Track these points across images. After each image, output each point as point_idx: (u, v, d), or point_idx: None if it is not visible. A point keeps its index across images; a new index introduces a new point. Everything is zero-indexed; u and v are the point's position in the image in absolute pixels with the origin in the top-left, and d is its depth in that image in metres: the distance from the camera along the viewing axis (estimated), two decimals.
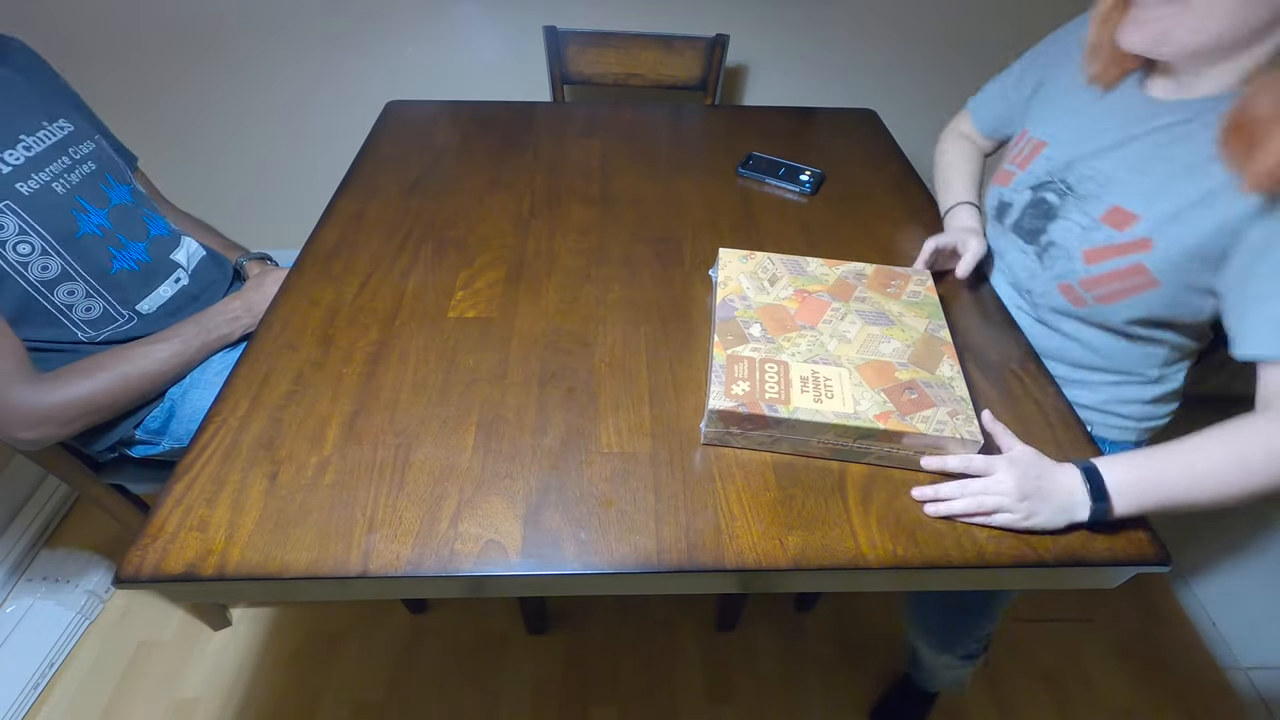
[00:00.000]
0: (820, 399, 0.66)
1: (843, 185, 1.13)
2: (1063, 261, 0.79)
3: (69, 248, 0.85)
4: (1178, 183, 0.70)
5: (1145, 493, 0.62)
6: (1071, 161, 0.80)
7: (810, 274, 0.82)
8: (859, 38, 1.59)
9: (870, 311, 0.77)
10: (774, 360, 0.70)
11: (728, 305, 0.77)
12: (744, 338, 0.73)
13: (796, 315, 0.76)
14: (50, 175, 0.85)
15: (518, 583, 0.59)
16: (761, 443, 0.68)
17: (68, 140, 0.89)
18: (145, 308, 0.93)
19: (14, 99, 0.87)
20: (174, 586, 0.58)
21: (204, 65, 1.59)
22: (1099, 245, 0.75)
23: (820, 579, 0.61)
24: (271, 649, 1.27)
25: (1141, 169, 0.74)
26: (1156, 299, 0.73)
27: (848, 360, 0.71)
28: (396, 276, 0.89)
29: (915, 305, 0.79)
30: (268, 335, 0.80)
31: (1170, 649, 1.34)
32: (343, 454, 0.67)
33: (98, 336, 0.89)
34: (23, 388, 0.78)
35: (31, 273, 0.82)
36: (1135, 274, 0.73)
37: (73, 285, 0.86)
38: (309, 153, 1.74)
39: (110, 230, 0.91)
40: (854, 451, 0.67)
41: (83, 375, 0.83)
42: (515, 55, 1.59)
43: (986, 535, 0.62)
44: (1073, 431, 0.72)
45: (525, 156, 1.16)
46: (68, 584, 1.29)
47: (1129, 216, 0.73)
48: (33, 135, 0.85)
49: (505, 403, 0.73)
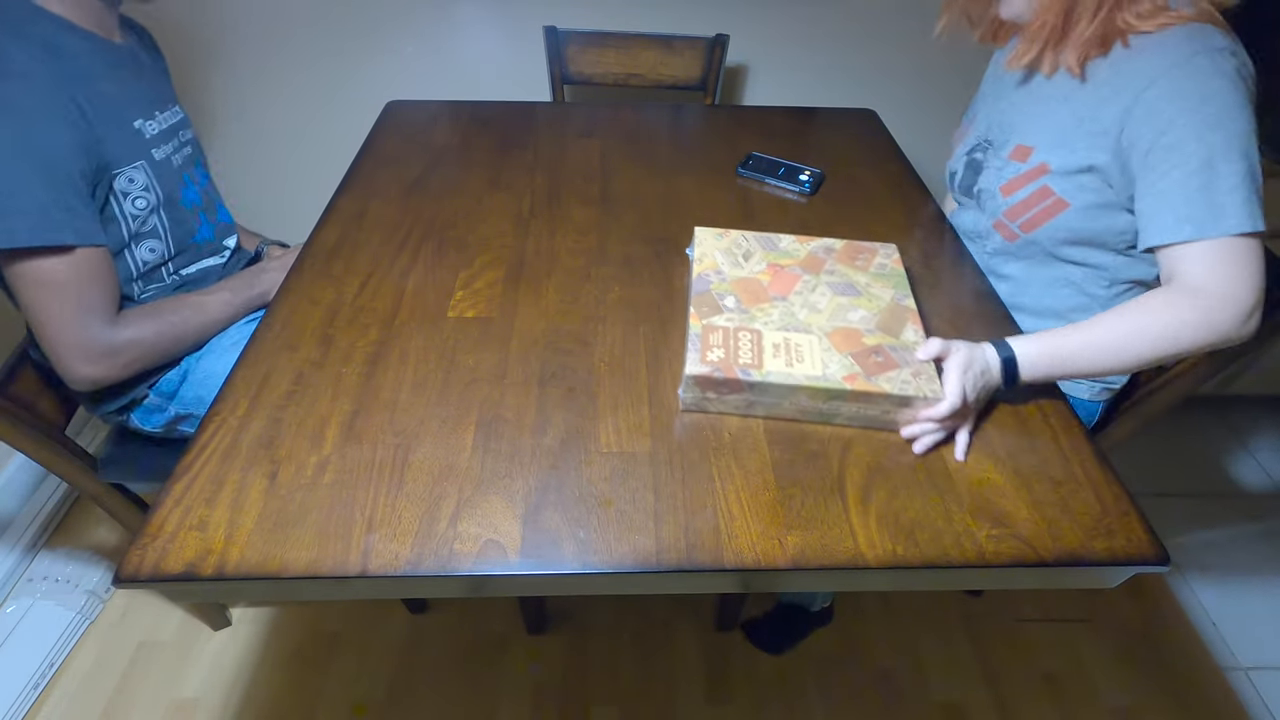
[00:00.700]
0: (791, 363, 0.70)
1: (842, 185, 1.13)
2: (990, 202, 0.92)
3: (170, 211, 0.94)
4: (1055, 112, 0.84)
5: (1051, 363, 0.72)
6: (990, 125, 0.95)
7: (782, 249, 0.86)
8: (859, 38, 1.59)
9: (839, 283, 0.81)
10: (747, 329, 0.74)
11: (703, 279, 0.81)
12: (719, 309, 0.76)
13: (769, 287, 0.80)
14: (171, 149, 0.95)
15: (517, 582, 0.59)
16: (737, 406, 0.71)
17: (179, 125, 0.99)
18: (188, 271, 1.00)
19: (153, 80, 0.97)
20: (173, 586, 0.58)
21: (204, 65, 1.59)
22: (1010, 178, 0.88)
23: (819, 579, 0.61)
24: (271, 649, 1.27)
25: (1031, 112, 0.88)
26: (1073, 218, 0.83)
27: (817, 328, 0.75)
28: (396, 276, 0.89)
29: (882, 277, 0.83)
30: (268, 335, 0.80)
31: (1170, 649, 1.34)
32: (342, 454, 0.67)
33: (145, 291, 0.94)
34: (108, 324, 0.84)
35: (135, 226, 0.89)
36: (1044, 195, 0.85)
37: (155, 243, 0.93)
38: (309, 153, 1.74)
39: (198, 206, 1.00)
40: (824, 414, 0.71)
41: (147, 318, 0.89)
42: (515, 55, 1.59)
43: (986, 535, 0.62)
44: (1072, 429, 0.72)
45: (525, 156, 1.16)
46: (68, 584, 1.29)
47: (1027, 150, 0.86)
48: (162, 114, 0.95)
49: (505, 402, 0.73)
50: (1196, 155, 0.70)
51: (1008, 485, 0.66)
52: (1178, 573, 1.46)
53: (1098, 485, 0.67)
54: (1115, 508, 0.65)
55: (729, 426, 0.71)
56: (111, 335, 0.84)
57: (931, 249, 0.99)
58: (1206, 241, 0.70)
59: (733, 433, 0.70)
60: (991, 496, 0.65)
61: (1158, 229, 0.73)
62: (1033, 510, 0.64)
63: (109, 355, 0.84)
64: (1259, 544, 1.53)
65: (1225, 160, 0.69)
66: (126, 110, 0.88)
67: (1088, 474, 0.68)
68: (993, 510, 0.64)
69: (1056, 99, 0.84)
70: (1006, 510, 0.64)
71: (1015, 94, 0.92)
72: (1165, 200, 0.72)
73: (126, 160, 0.86)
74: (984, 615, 1.37)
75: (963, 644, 1.32)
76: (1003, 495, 0.65)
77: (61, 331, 0.80)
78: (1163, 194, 0.73)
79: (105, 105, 0.83)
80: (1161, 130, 0.72)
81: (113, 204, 0.86)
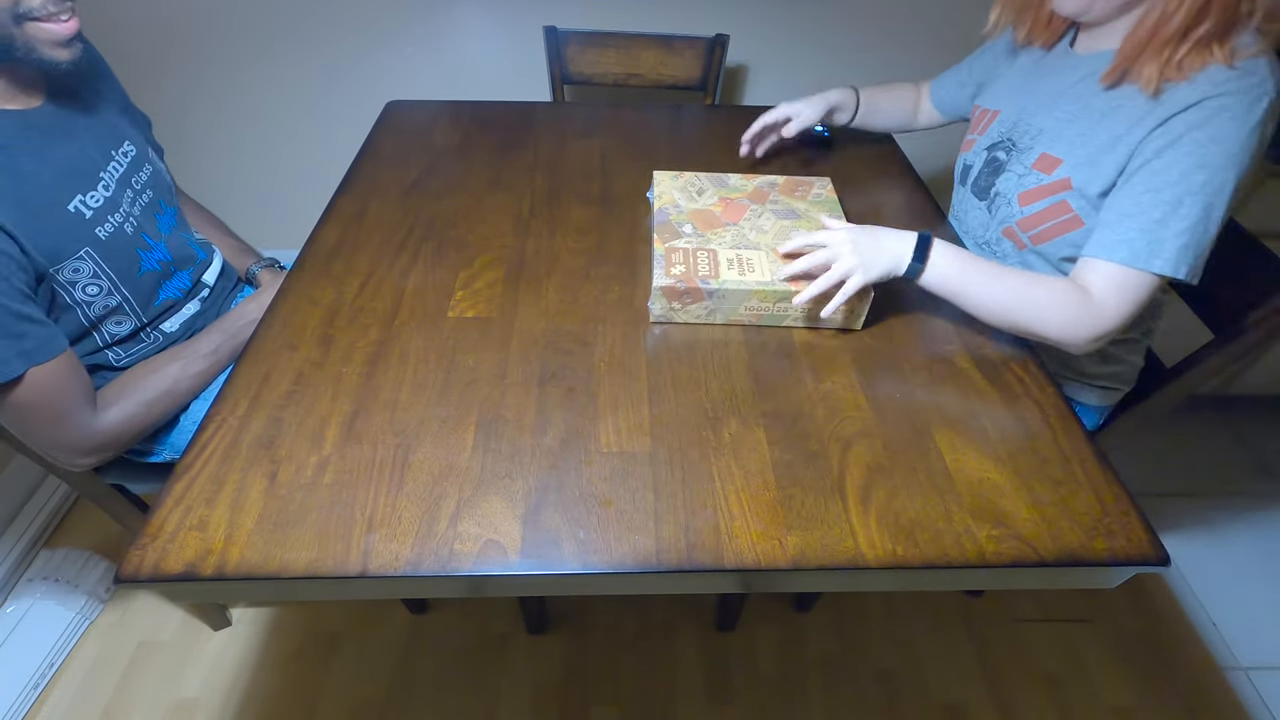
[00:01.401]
0: (744, 273, 0.81)
1: (842, 185, 1.13)
2: (1004, 208, 0.90)
3: (129, 285, 0.86)
4: (1094, 128, 0.80)
5: (950, 277, 0.76)
6: (1016, 122, 0.91)
7: (731, 185, 0.99)
8: (859, 38, 1.59)
9: (782, 210, 0.94)
10: (704, 249, 0.85)
11: (663, 213, 0.92)
12: (678, 234, 0.88)
13: (721, 216, 0.92)
14: (122, 216, 0.85)
15: (517, 582, 0.59)
16: (699, 315, 0.83)
17: (131, 169, 0.89)
18: (168, 326, 0.94)
19: (98, 127, 0.86)
20: (173, 586, 0.58)
21: (204, 65, 1.59)
22: (1030, 188, 0.86)
23: (819, 579, 0.61)
24: (271, 649, 1.27)
25: (1067, 119, 0.84)
26: (1084, 236, 0.81)
27: (765, 245, 0.86)
28: (396, 276, 0.89)
29: (819, 204, 0.96)
30: (268, 335, 0.80)
31: (1170, 649, 1.34)
32: (342, 454, 0.67)
33: (124, 358, 0.90)
34: (87, 417, 0.80)
35: (94, 310, 0.83)
36: (1061, 211, 0.83)
37: (122, 317, 0.87)
38: (309, 153, 1.74)
39: (168, 263, 0.92)
40: (775, 315, 0.82)
41: (131, 395, 0.84)
42: (515, 55, 1.59)
43: (986, 535, 0.62)
44: (1072, 429, 0.72)
45: (525, 156, 1.16)
46: (68, 584, 1.29)
47: (1055, 161, 0.83)
48: (107, 168, 0.85)
49: (505, 402, 0.73)
50: (1172, 189, 0.71)
51: (1008, 485, 0.66)
52: (1178, 573, 1.46)
53: (1098, 485, 0.67)
54: (1115, 508, 0.65)
55: (730, 428, 0.71)
56: (97, 425, 0.80)
57: None
58: (1126, 268, 0.72)
59: (733, 433, 0.70)
60: (991, 496, 0.65)
61: (1102, 244, 0.74)
62: (1033, 510, 0.64)
63: (102, 446, 0.82)
64: (1259, 545, 1.53)
65: (1191, 204, 0.70)
66: (59, 192, 0.77)
67: (1088, 474, 0.68)
68: (993, 510, 0.64)
69: (1098, 113, 0.80)
70: (1006, 510, 0.64)
71: (1048, 95, 0.87)
72: (1123, 220, 0.73)
73: (66, 254, 0.77)
74: (984, 615, 1.37)
75: (963, 644, 1.32)
76: (1003, 495, 0.65)
77: (46, 439, 0.78)
78: (1124, 213, 0.74)
79: (30, 197, 0.74)
80: (1159, 151, 0.72)
81: (61, 294, 0.78)
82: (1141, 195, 0.73)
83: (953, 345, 0.82)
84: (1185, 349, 0.92)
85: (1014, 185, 0.88)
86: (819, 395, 0.75)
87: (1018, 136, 0.90)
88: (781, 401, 0.74)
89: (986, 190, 0.93)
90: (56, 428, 0.77)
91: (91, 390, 0.81)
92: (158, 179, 0.95)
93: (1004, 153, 0.91)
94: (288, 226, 1.59)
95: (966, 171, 0.98)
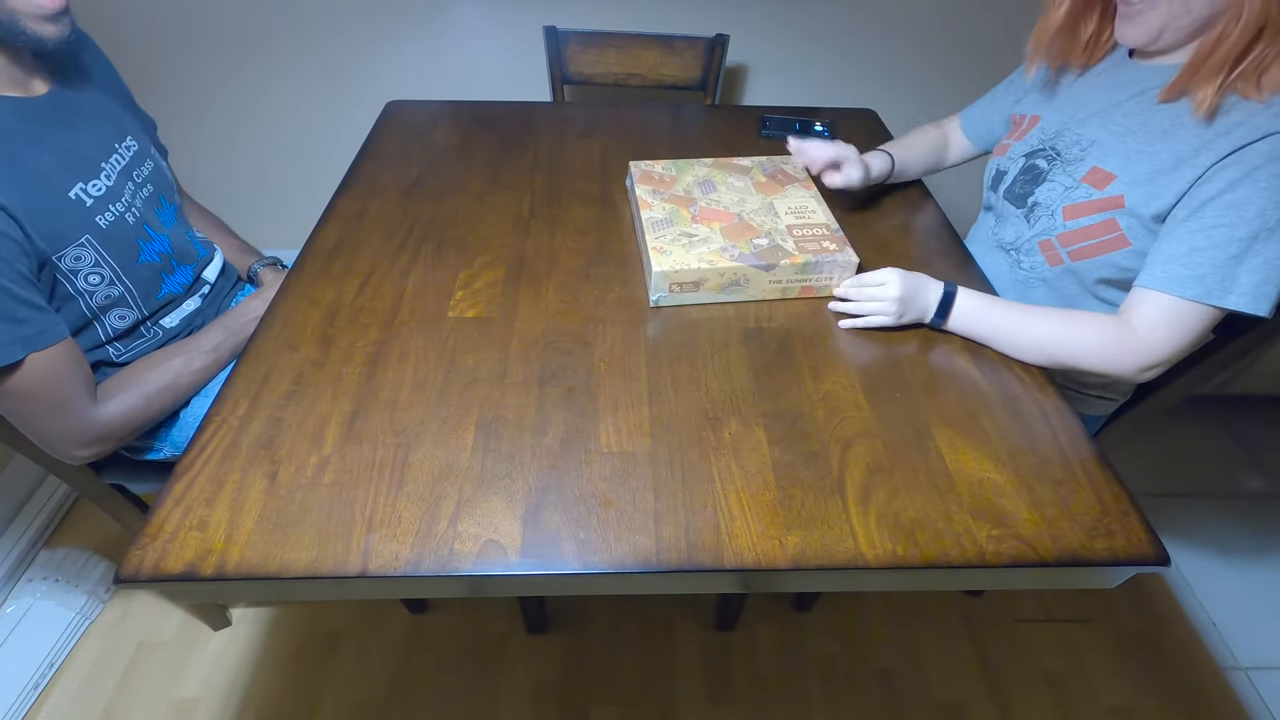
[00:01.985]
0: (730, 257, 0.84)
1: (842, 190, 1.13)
2: (1044, 219, 0.86)
3: (131, 275, 0.86)
4: (1153, 146, 0.76)
5: (977, 322, 0.79)
6: (1061, 130, 0.87)
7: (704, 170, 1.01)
8: (859, 38, 1.59)
9: (764, 187, 0.97)
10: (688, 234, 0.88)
11: (643, 201, 0.94)
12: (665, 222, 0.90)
13: (699, 199, 0.94)
14: (124, 205, 0.85)
15: (517, 582, 0.59)
16: (699, 298, 0.85)
17: (133, 163, 0.89)
18: (168, 322, 0.94)
19: (100, 120, 0.87)
20: (173, 586, 0.58)
21: (204, 65, 1.59)
22: (1077, 202, 0.81)
23: (819, 579, 0.61)
24: (271, 649, 1.27)
25: (1122, 133, 0.80)
26: (1128, 258, 0.79)
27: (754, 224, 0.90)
28: (396, 276, 0.89)
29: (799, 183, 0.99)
30: (268, 335, 0.80)
31: (1170, 649, 1.34)
32: (342, 454, 0.67)
33: (125, 352, 0.90)
34: (86, 408, 0.79)
35: (96, 300, 0.83)
36: (1107, 229, 0.79)
37: (125, 310, 0.87)
38: (309, 153, 1.74)
39: (168, 256, 0.92)
40: (783, 289, 0.86)
41: (132, 388, 0.84)
42: (515, 55, 1.59)
43: (986, 535, 0.62)
44: (1072, 429, 0.72)
45: (525, 156, 1.16)
46: (68, 584, 1.29)
47: (1107, 176, 0.79)
48: (109, 160, 0.85)
49: (505, 402, 0.73)
50: (1249, 225, 0.68)
51: (1008, 485, 0.66)
52: (1178, 573, 1.46)
53: (1098, 485, 0.67)
54: (1115, 508, 0.65)
55: (730, 428, 0.71)
56: (97, 416, 0.80)
57: (935, 250, 0.99)
58: (1185, 301, 0.71)
59: (733, 433, 0.70)
60: (991, 496, 0.65)
61: (1169, 279, 0.71)
62: (1033, 510, 0.64)
63: (101, 438, 0.81)
64: (1259, 544, 1.53)
65: (1271, 240, 0.68)
66: (59, 179, 0.78)
67: (1088, 474, 0.68)
68: (993, 510, 0.64)
69: (1158, 131, 0.76)
70: (1006, 510, 0.64)
71: (1101, 105, 0.83)
72: (1193, 254, 0.70)
73: (67, 240, 0.77)
74: (984, 615, 1.37)
75: (963, 644, 1.32)
76: (1003, 495, 0.65)
77: (44, 429, 0.77)
78: (1195, 247, 0.70)
79: (32, 183, 0.74)
80: (1234, 184, 0.69)
81: (63, 283, 0.78)
82: (1214, 230, 0.69)
83: (953, 345, 0.82)
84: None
85: (1059, 197, 0.84)
86: (819, 395, 0.75)
87: (1064, 146, 0.85)
88: (781, 401, 0.74)
89: (1023, 198, 0.89)
90: (55, 417, 0.77)
91: (92, 381, 0.81)
92: (159, 175, 0.95)
93: (1045, 161, 0.87)
94: (288, 226, 1.59)
95: (1000, 177, 0.94)
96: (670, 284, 0.83)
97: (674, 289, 0.84)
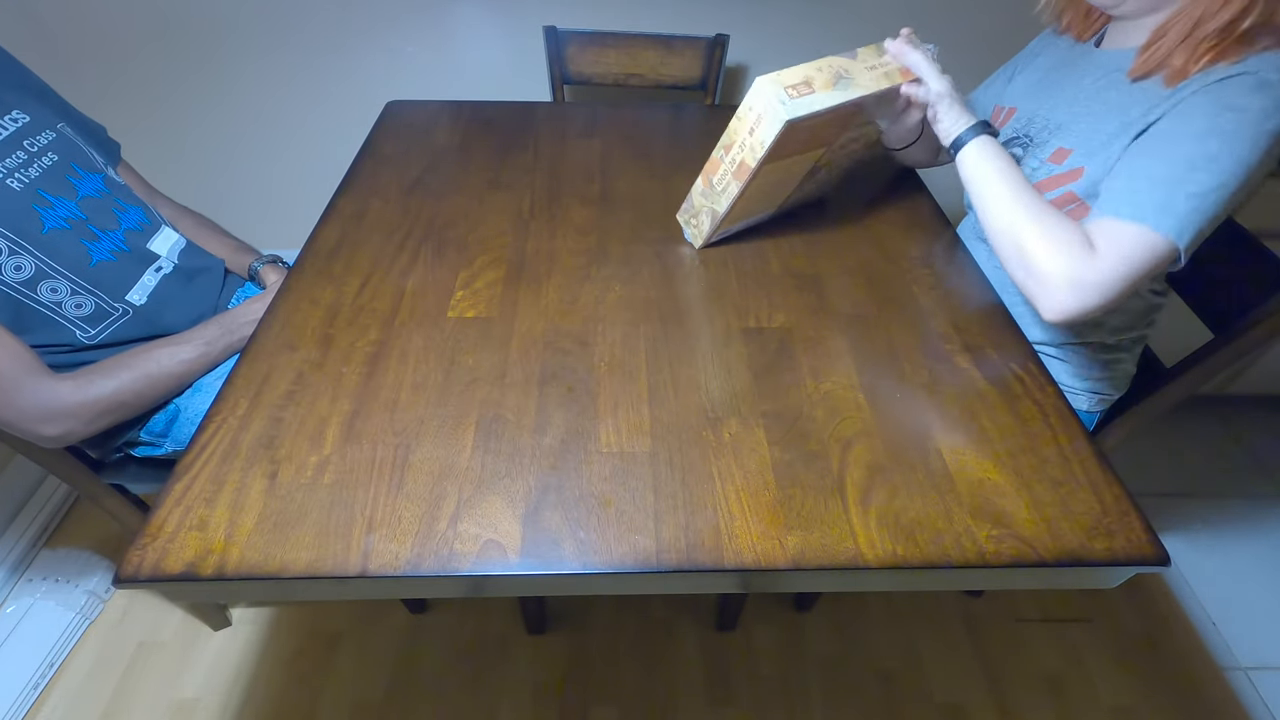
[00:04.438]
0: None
1: (842, 185, 1.13)
2: None
3: (38, 244, 0.84)
4: (1106, 119, 0.81)
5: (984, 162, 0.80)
6: (1032, 117, 0.92)
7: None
8: (860, 38, 1.58)
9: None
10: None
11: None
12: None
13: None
14: (4, 172, 0.83)
15: (517, 582, 0.59)
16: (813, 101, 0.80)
17: (23, 132, 0.87)
18: (135, 298, 0.93)
19: None
20: (173, 586, 0.58)
21: (204, 65, 1.59)
22: (1041, 179, 0.86)
23: (819, 579, 0.61)
24: (271, 649, 1.27)
25: (1082, 113, 0.84)
26: None
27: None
28: (396, 276, 0.89)
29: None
30: (267, 335, 0.80)
31: (1170, 649, 1.34)
32: (342, 454, 0.67)
33: (99, 336, 0.89)
34: (38, 384, 0.78)
35: (6, 275, 0.81)
36: (1068, 201, 0.83)
37: (53, 283, 0.85)
38: (309, 153, 1.74)
39: (81, 221, 0.89)
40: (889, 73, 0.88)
41: (106, 374, 0.84)
42: (515, 55, 1.59)
43: (986, 535, 0.62)
44: (1072, 429, 0.72)
45: (525, 156, 1.16)
46: (68, 584, 1.29)
47: (1067, 153, 0.84)
48: None
49: (505, 403, 0.73)
50: (1185, 154, 0.70)
51: (1008, 485, 0.66)
52: (1178, 573, 1.46)
53: (1098, 485, 0.67)
54: (1115, 508, 0.65)
55: (730, 429, 0.71)
56: (54, 393, 0.79)
57: (938, 250, 0.99)
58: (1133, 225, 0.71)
59: (733, 433, 0.70)
60: (991, 496, 0.65)
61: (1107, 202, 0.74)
62: (1033, 510, 0.64)
63: (68, 414, 0.80)
64: (1259, 544, 1.53)
65: (1205, 170, 0.69)
66: None
67: (1088, 474, 0.68)
68: (993, 510, 0.64)
69: (1115, 105, 0.81)
70: (1006, 510, 0.64)
71: (1068, 95, 0.88)
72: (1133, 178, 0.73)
73: None
74: (984, 615, 1.37)
75: (963, 644, 1.32)
76: (1003, 495, 0.65)
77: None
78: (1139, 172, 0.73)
79: None
80: (1173, 121, 0.72)
81: None
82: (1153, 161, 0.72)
83: (953, 345, 0.82)
84: (1185, 349, 0.92)
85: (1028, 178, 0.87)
86: (819, 395, 0.75)
87: (1034, 131, 0.90)
88: (781, 401, 0.74)
89: None
90: (5, 398, 0.76)
91: (34, 357, 0.80)
92: (68, 146, 0.92)
93: (1020, 148, 0.92)
94: (288, 226, 1.59)
95: None
96: (785, 87, 0.79)
97: (790, 92, 0.79)
